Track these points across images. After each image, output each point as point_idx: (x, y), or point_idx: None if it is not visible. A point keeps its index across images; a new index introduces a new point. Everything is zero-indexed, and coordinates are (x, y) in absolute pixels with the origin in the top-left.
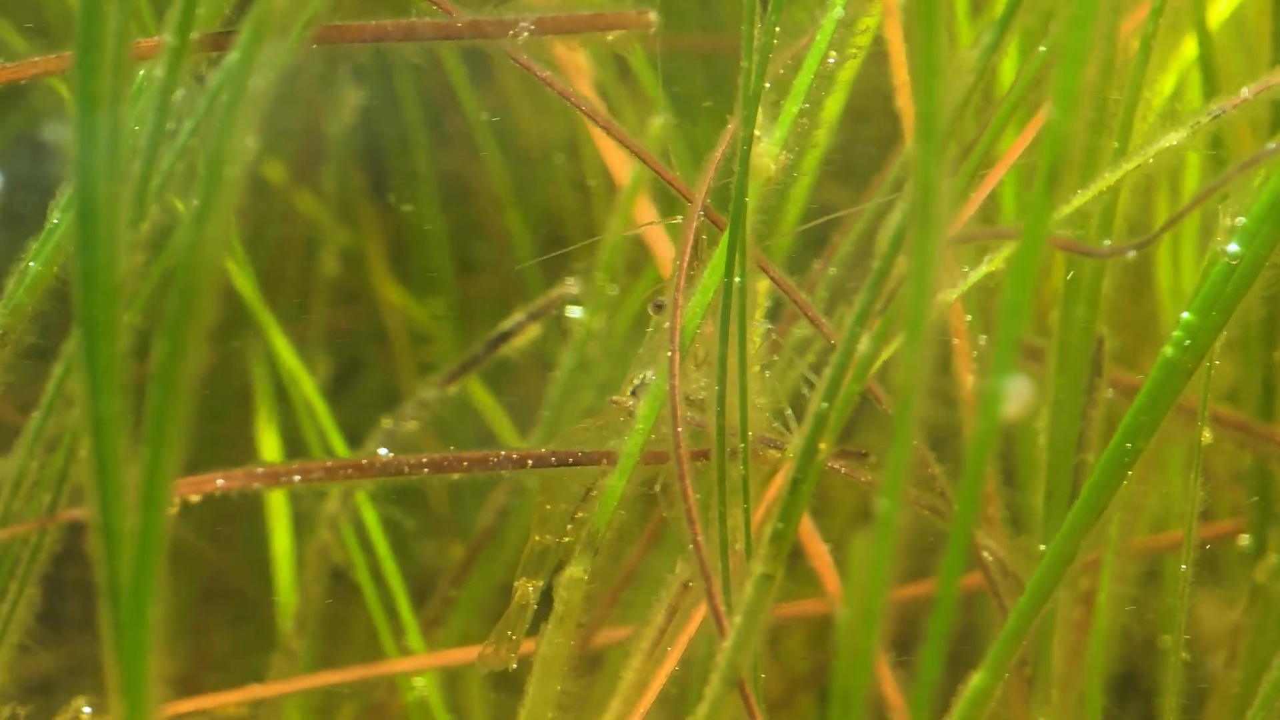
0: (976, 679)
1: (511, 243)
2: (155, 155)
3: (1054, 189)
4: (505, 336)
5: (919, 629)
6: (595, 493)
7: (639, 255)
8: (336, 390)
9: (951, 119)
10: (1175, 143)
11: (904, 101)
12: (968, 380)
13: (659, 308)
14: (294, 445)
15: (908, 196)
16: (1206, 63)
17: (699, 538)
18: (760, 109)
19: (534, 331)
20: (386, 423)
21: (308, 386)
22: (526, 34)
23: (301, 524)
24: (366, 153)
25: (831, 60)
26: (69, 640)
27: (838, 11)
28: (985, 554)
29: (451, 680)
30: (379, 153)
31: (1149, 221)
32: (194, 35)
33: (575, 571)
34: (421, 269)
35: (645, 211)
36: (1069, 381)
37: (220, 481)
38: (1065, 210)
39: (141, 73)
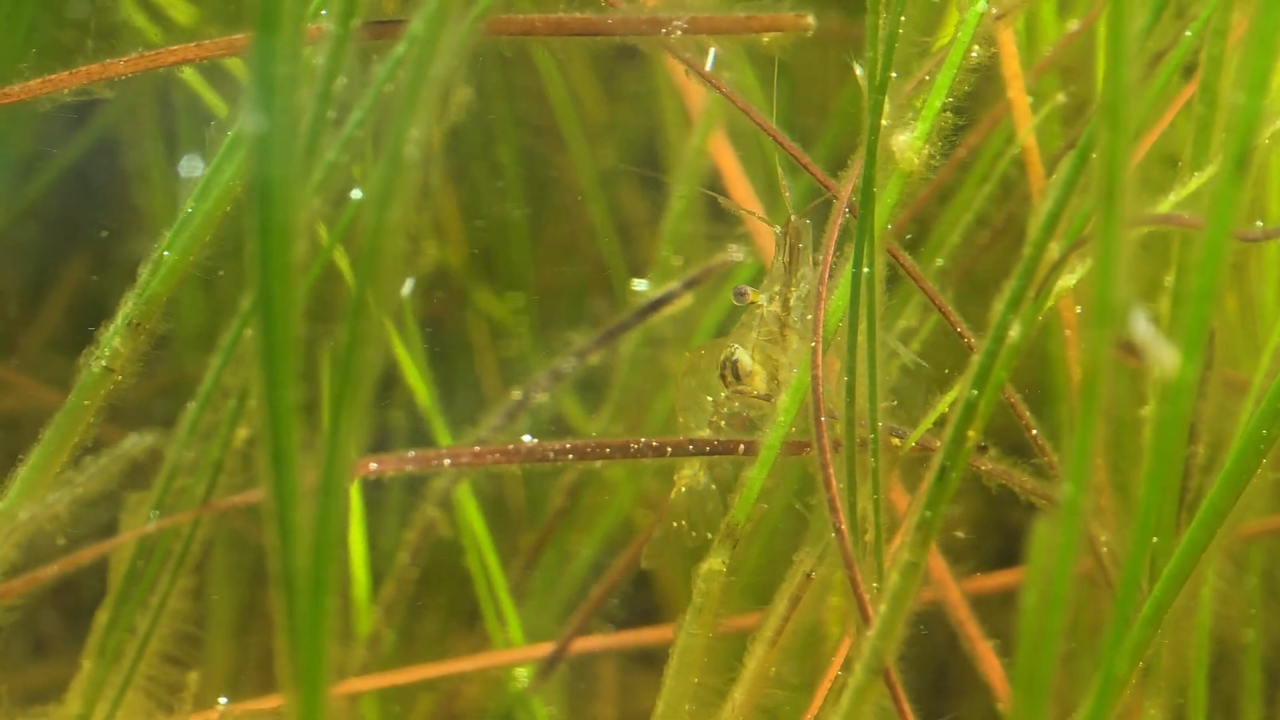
0: (1107, 667)
1: (595, 236)
2: (317, 143)
3: (1242, 176)
4: (658, 304)
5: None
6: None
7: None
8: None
9: (1136, 106)
10: None
11: (1015, 93)
12: (1077, 373)
13: (741, 295)
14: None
15: (1065, 185)
16: None
17: (842, 526)
18: (902, 102)
19: (687, 300)
20: (515, 393)
21: (413, 374)
22: (680, 32)
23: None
24: (450, 147)
25: (975, 54)
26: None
27: (980, 5)
28: (1101, 546)
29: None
30: (463, 147)
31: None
32: (356, 23)
33: (714, 564)
34: (504, 262)
35: (737, 189)
36: (1186, 370)
37: (374, 465)
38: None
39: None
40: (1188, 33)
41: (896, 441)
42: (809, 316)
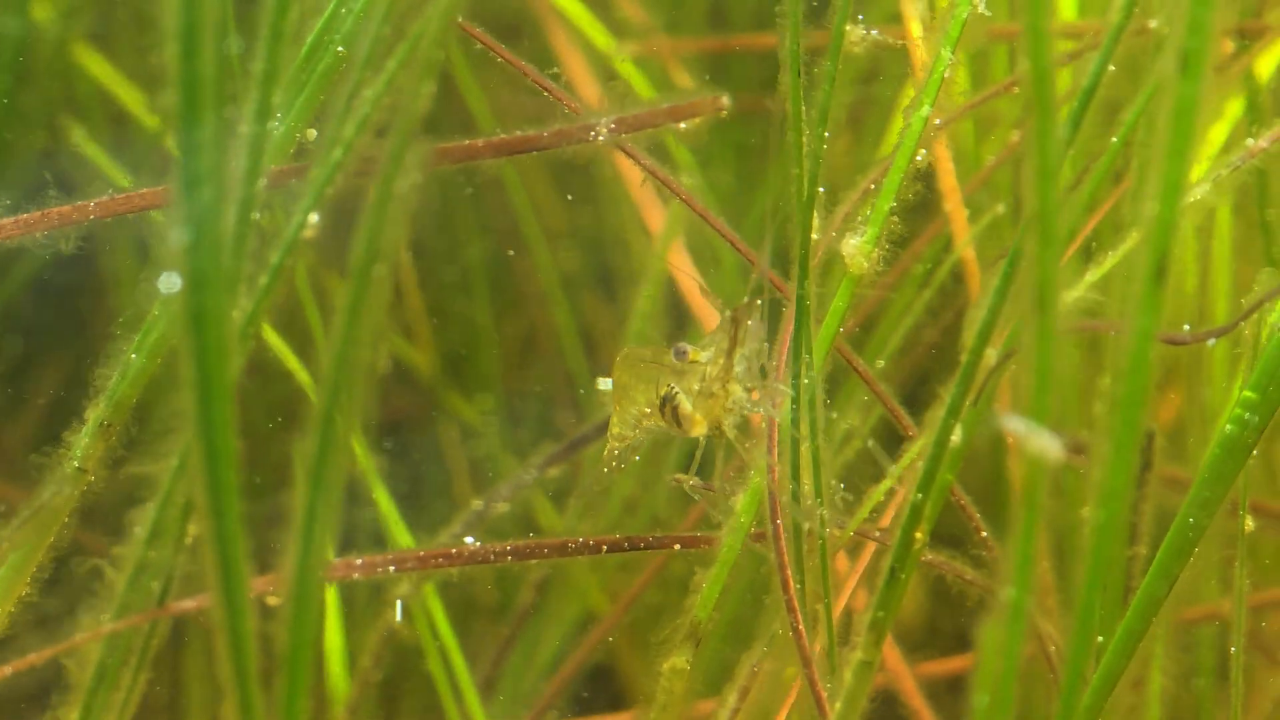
0: None
1: (559, 339)
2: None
3: (1161, 283)
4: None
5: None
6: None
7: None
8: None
9: (1062, 217)
10: (1199, 196)
11: (952, 206)
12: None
13: (681, 354)
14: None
15: (998, 293)
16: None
17: (800, 626)
18: (849, 209)
19: None
20: (476, 504)
21: (372, 477)
22: (608, 132)
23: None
24: (416, 250)
25: (920, 157)
26: None
27: (925, 110)
28: (1048, 644)
29: None
30: (428, 250)
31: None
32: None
33: (678, 662)
34: (471, 366)
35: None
36: (1118, 474)
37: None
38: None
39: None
40: (1114, 139)
41: (837, 532)
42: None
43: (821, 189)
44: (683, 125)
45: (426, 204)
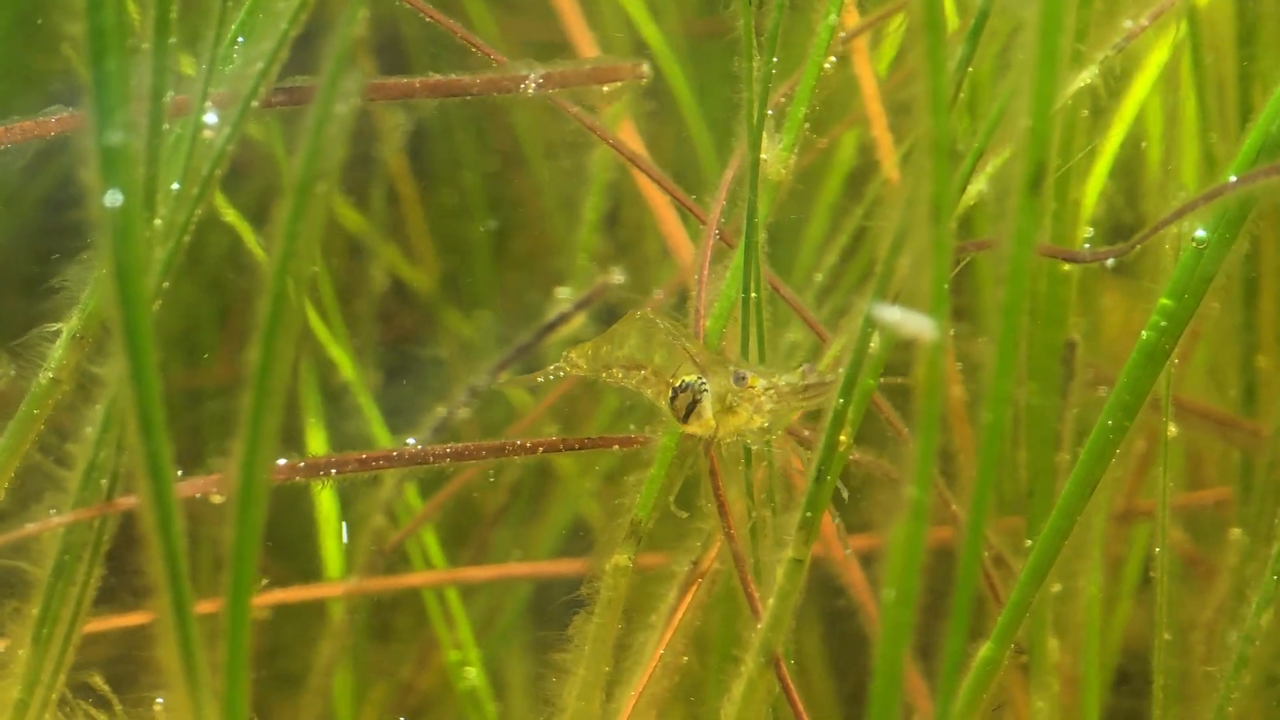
0: (984, 650)
1: (555, 252)
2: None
3: (1037, 194)
4: (554, 325)
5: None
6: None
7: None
8: (387, 393)
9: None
10: (1087, 81)
11: (873, 112)
12: (955, 391)
13: (741, 379)
14: (347, 440)
15: (908, 205)
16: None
17: (731, 530)
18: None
19: (579, 320)
20: (440, 410)
21: (360, 389)
22: (535, 87)
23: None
24: (416, 171)
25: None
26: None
27: (832, 19)
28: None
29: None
30: (427, 170)
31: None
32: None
33: (620, 560)
34: (470, 283)
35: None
36: (1003, 378)
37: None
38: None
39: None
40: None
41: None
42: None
43: (770, 111)
44: (605, 89)
45: (428, 123)
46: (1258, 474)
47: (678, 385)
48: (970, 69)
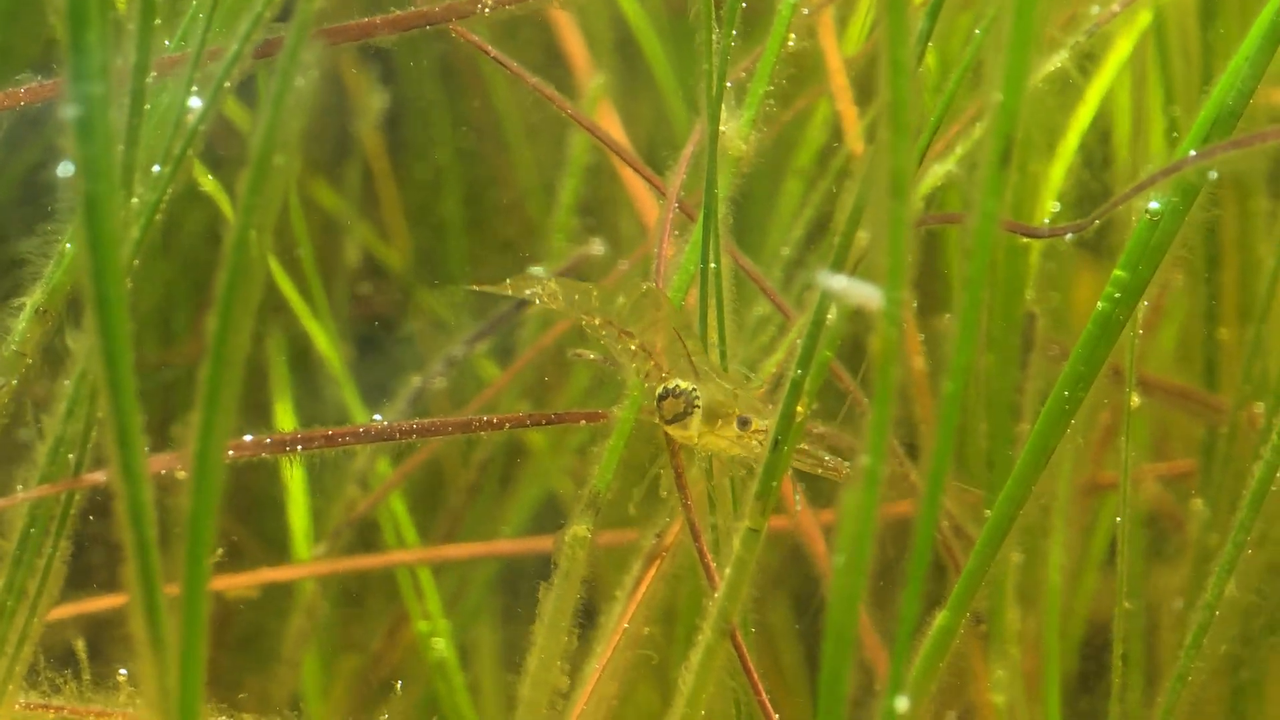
0: (940, 618)
1: (531, 229)
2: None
3: (1005, 170)
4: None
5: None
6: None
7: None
8: (359, 369)
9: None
10: (1059, 64)
11: (838, 85)
12: (917, 363)
13: (745, 424)
14: (319, 415)
15: (868, 178)
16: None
17: (688, 501)
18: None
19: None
20: (415, 380)
21: (334, 362)
22: (488, 10)
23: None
24: (391, 147)
25: (791, 42)
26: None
27: None
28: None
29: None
30: (402, 144)
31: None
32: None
33: (579, 530)
34: (443, 260)
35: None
36: (964, 349)
37: (230, 452)
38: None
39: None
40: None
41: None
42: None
43: (729, 84)
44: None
45: (403, 99)
46: (1219, 446)
47: (671, 388)
48: (939, 45)
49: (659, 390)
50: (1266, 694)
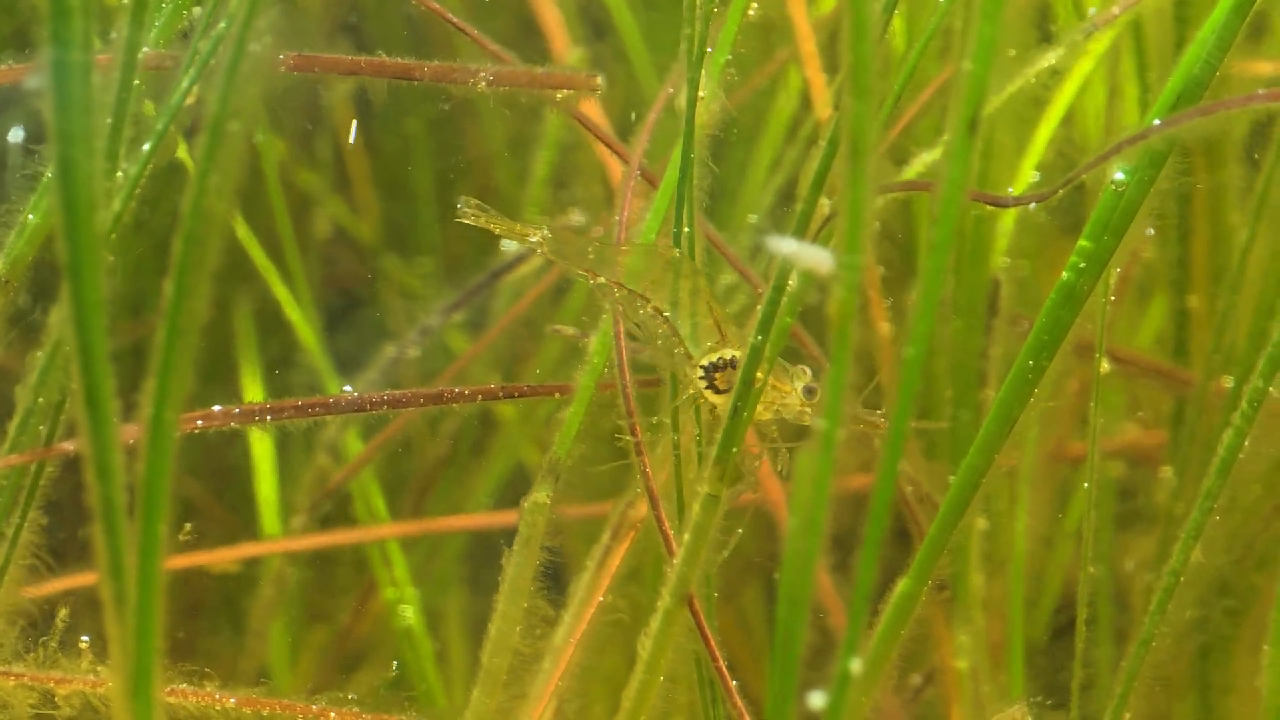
0: (901, 585)
1: (501, 200)
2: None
3: (972, 138)
4: (507, 268)
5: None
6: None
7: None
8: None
9: (878, 74)
10: (1053, 61)
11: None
12: (884, 328)
13: (811, 392)
14: (290, 386)
15: (830, 143)
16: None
17: (647, 468)
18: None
19: (537, 262)
20: (390, 350)
21: (306, 332)
22: (485, 84)
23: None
24: (360, 114)
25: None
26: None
27: None
28: (904, 484)
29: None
30: (372, 114)
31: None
32: None
33: (539, 497)
34: (412, 229)
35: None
36: (925, 316)
37: (199, 421)
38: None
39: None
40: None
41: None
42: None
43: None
44: (559, 95)
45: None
46: (1188, 415)
47: (729, 358)
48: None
49: (709, 360)
50: (1233, 657)
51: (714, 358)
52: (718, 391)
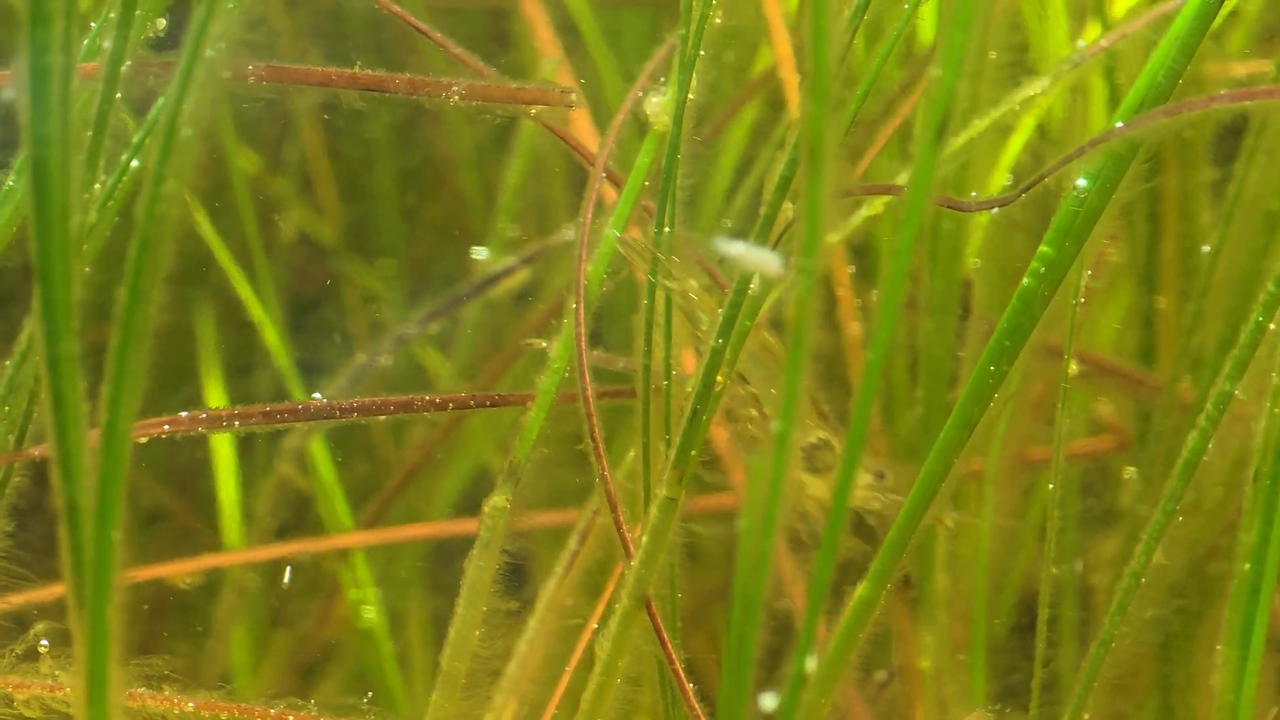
0: (860, 589)
1: (464, 204)
2: (106, 121)
3: (940, 144)
4: (496, 278)
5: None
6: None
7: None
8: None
9: (838, 76)
10: (1038, 90)
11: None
12: (853, 327)
13: (882, 476)
14: (252, 393)
15: (794, 147)
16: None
17: (605, 471)
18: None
19: (524, 275)
20: (361, 358)
21: (271, 335)
22: (458, 97)
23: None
24: (324, 119)
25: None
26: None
27: None
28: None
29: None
30: (335, 118)
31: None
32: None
33: (498, 500)
34: (375, 232)
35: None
36: (887, 319)
37: (166, 426)
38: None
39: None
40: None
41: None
42: None
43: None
44: (533, 111)
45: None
46: (1154, 418)
47: (824, 439)
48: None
49: (808, 441)
50: (1194, 655)
51: (812, 439)
52: (814, 471)
